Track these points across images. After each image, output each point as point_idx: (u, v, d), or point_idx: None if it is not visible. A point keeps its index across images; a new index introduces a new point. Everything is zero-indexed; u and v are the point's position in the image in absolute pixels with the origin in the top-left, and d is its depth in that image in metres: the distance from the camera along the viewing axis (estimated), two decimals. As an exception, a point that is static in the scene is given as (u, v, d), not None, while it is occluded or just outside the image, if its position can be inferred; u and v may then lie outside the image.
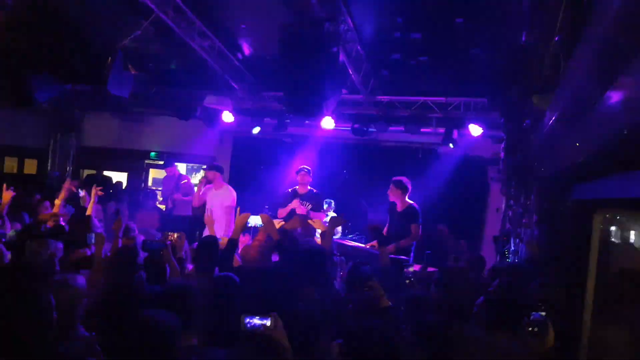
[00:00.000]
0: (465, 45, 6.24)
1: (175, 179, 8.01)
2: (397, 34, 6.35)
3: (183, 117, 9.10)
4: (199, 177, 6.92)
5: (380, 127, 8.00)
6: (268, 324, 2.07)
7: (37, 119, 10.33)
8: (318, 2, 5.28)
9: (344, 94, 7.75)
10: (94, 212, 5.68)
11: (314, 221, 6.01)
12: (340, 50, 5.69)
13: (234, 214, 6.42)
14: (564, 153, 2.68)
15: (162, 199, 8.33)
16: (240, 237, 4.18)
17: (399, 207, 5.87)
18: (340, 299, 3.44)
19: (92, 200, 5.61)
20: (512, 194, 6.63)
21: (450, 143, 7.77)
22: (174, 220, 7.68)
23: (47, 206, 6.06)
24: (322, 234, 4.28)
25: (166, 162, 8.28)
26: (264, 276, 3.22)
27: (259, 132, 8.89)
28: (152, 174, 11.01)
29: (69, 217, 5.89)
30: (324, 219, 6.80)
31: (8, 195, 5.23)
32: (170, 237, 5.13)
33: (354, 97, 8.14)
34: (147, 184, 10.75)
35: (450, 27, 5.97)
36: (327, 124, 8.24)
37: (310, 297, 3.20)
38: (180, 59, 8.21)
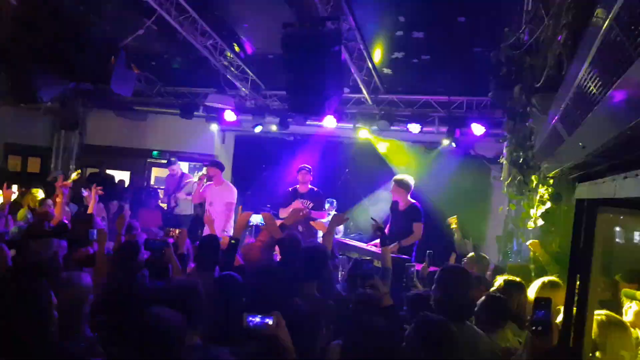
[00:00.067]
0: (468, 44, 6.23)
1: (178, 178, 8.03)
2: (399, 33, 6.34)
3: (185, 116, 9.13)
4: (199, 175, 7.01)
5: (383, 125, 7.99)
6: (270, 323, 2.08)
7: (41, 118, 10.36)
8: (320, 1, 5.28)
9: (346, 93, 7.76)
10: (97, 211, 5.70)
11: (316, 223, 6.03)
12: (342, 49, 5.69)
13: (234, 210, 6.46)
14: (567, 152, 2.68)
15: (165, 197, 8.34)
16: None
17: (401, 205, 5.86)
18: (342, 297, 3.44)
19: (93, 199, 5.63)
20: (515, 193, 6.61)
21: (452, 142, 7.76)
22: (176, 219, 7.69)
23: (49, 204, 6.08)
24: (324, 233, 4.28)
25: (169, 161, 8.30)
26: (265, 275, 3.22)
27: (261, 131, 8.90)
28: (155, 172, 11.03)
29: (71, 215, 5.92)
30: (326, 218, 6.81)
31: (9, 194, 5.26)
32: (172, 233, 5.15)
33: (356, 96, 8.14)
34: (150, 183, 10.77)
35: (453, 25, 5.96)
36: (329, 122, 8.24)
37: (311, 295, 3.21)
38: (182, 58, 8.22)
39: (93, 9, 5.88)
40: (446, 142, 7.89)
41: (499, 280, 3.36)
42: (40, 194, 7.05)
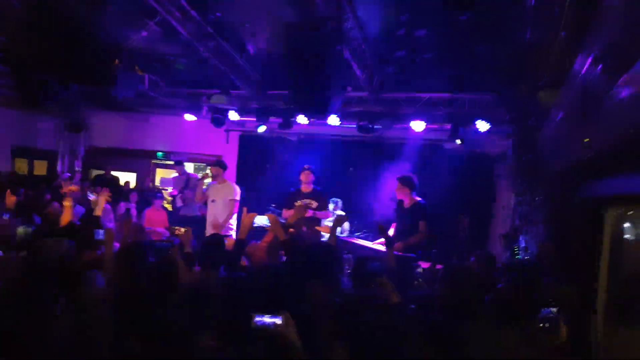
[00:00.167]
0: (471, 41, 6.20)
1: (185, 179, 8.07)
2: (402, 31, 6.32)
3: (189, 117, 9.15)
4: (202, 174, 7.19)
5: (386, 124, 7.98)
6: (279, 323, 2.07)
7: (47, 121, 10.42)
8: (322, 0, 5.27)
9: (349, 92, 7.75)
10: (103, 213, 5.72)
11: (322, 227, 6.07)
12: (344, 48, 5.68)
13: (236, 207, 6.56)
14: (572, 149, 2.67)
15: (171, 198, 8.37)
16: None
17: (406, 204, 5.86)
18: (348, 296, 3.44)
19: (102, 204, 5.66)
20: (521, 190, 6.60)
21: (457, 139, 7.74)
22: (182, 219, 7.72)
23: (56, 207, 6.11)
24: (335, 217, 4.30)
25: (176, 162, 8.36)
26: (271, 275, 3.22)
27: (265, 131, 8.92)
28: (159, 173, 11.07)
29: (79, 218, 5.94)
30: (330, 217, 6.82)
31: (12, 199, 5.29)
32: (177, 231, 5.16)
33: (358, 94, 8.13)
34: (155, 184, 10.81)
35: (455, 23, 5.93)
36: (332, 121, 8.24)
37: (317, 294, 3.20)
38: (185, 59, 8.23)
39: (96, 12, 5.90)
40: (450, 139, 7.88)
41: (505, 278, 3.35)
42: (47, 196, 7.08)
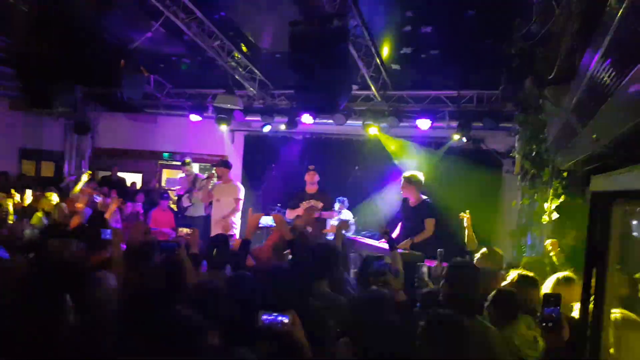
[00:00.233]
0: (477, 37, 6.16)
1: (192, 179, 8.09)
2: (407, 28, 6.29)
3: (195, 117, 9.17)
4: (207, 174, 7.31)
5: (392, 122, 7.95)
6: (286, 321, 2.07)
7: (54, 123, 10.49)
8: (327, -2, 5.26)
9: (354, 90, 7.72)
10: (111, 214, 5.75)
11: (328, 230, 6.10)
12: (349, 46, 5.66)
13: (240, 205, 6.68)
14: (580, 145, 2.64)
15: (177, 198, 8.39)
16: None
17: (412, 202, 5.83)
18: (354, 295, 3.43)
19: (112, 209, 5.69)
20: (528, 187, 6.55)
21: (463, 137, 7.70)
22: (189, 220, 7.73)
23: (63, 208, 6.14)
24: (338, 223, 4.30)
25: (183, 162, 8.40)
26: (277, 274, 3.22)
27: (270, 131, 8.92)
28: (166, 174, 11.11)
29: (86, 218, 5.96)
30: (335, 217, 6.83)
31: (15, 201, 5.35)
32: (180, 233, 5.18)
33: (364, 92, 8.11)
34: (161, 185, 10.84)
35: (461, 20, 5.90)
36: (337, 120, 8.22)
37: (323, 293, 3.20)
38: (190, 60, 8.25)
39: (102, 14, 5.93)
40: (456, 137, 7.83)
41: (512, 275, 3.32)
42: (55, 197, 7.11)
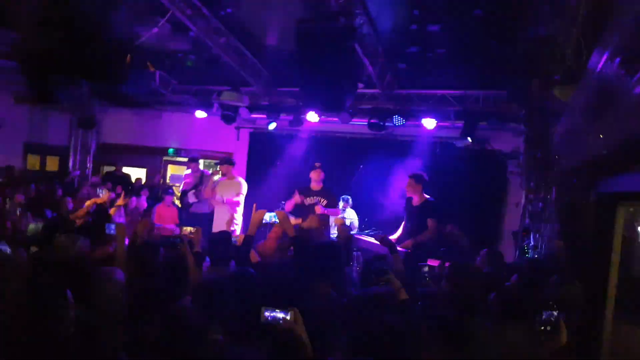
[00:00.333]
0: (484, 37, 6.13)
1: (199, 175, 8.11)
2: (414, 27, 6.27)
3: (200, 114, 9.18)
4: (212, 171, 7.43)
5: (397, 121, 7.93)
6: (288, 318, 2.08)
7: (59, 117, 10.53)
8: (333, -5, 5.24)
9: (361, 88, 7.70)
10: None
11: (336, 219, 6.10)
12: (356, 44, 5.65)
13: (242, 200, 6.84)
14: (587, 145, 2.62)
15: (181, 194, 8.40)
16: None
17: (415, 201, 5.82)
18: (356, 295, 3.42)
19: (118, 203, 5.72)
20: (532, 188, 6.53)
21: (468, 137, 7.67)
22: (194, 217, 7.75)
23: (68, 201, 6.17)
24: (338, 227, 4.30)
25: (190, 159, 8.43)
26: (279, 272, 3.22)
27: (275, 128, 8.92)
28: (170, 170, 11.14)
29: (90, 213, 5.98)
30: (339, 215, 6.83)
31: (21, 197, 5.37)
32: (184, 232, 5.19)
33: (370, 91, 8.09)
34: (166, 181, 10.87)
35: (469, 19, 5.87)
36: (343, 118, 8.21)
37: (326, 293, 3.19)
38: (196, 56, 8.26)
39: (107, 8, 5.93)
40: (462, 136, 7.80)
41: (513, 276, 3.31)
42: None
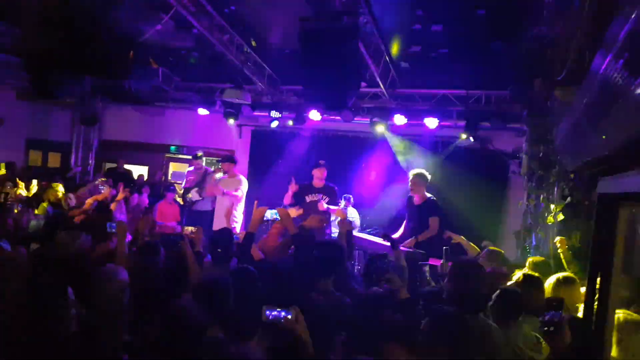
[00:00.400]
0: (487, 37, 6.13)
1: (202, 173, 8.12)
2: (417, 26, 6.27)
3: (203, 111, 9.19)
4: (214, 168, 7.49)
5: (400, 120, 7.93)
6: (290, 317, 2.08)
7: (61, 113, 10.54)
8: (337, -5, 5.24)
9: (363, 87, 7.71)
10: (116, 206, 5.78)
11: (337, 210, 6.11)
12: (359, 43, 5.64)
13: (242, 198, 6.94)
14: (589, 146, 2.62)
15: (183, 191, 8.40)
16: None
17: (417, 200, 5.83)
18: (358, 294, 3.43)
19: (118, 198, 5.72)
20: (534, 188, 6.52)
21: (470, 136, 7.67)
22: (196, 215, 7.74)
23: (70, 197, 6.18)
24: (339, 222, 4.30)
25: (194, 156, 8.43)
26: (281, 270, 3.23)
27: (277, 126, 8.92)
28: (172, 167, 11.14)
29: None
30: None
31: (24, 192, 5.38)
32: (186, 231, 5.20)
33: (373, 90, 8.09)
34: (168, 178, 10.88)
35: (472, 19, 5.86)
36: (345, 117, 8.21)
37: (327, 292, 3.20)
38: (199, 53, 8.26)
39: (111, 4, 5.93)
40: (464, 136, 7.81)
41: (517, 275, 3.31)
42: (61, 188, 7.16)
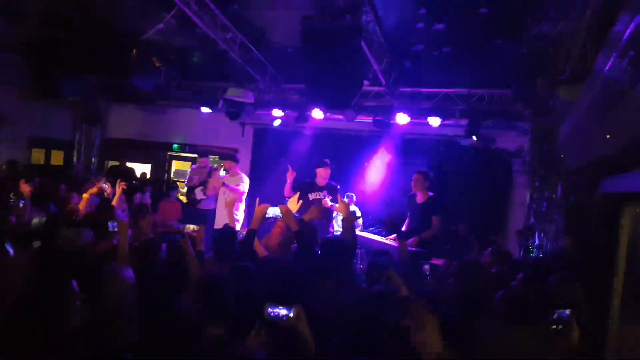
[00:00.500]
0: (489, 36, 6.11)
1: (207, 171, 8.13)
2: (420, 25, 6.25)
3: (205, 110, 9.19)
4: (216, 166, 7.51)
5: (402, 119, 7.93)
6: (291, 315, 2.08)
7: (64, 112, 10.56)
8: (340, -7, 5.23)
9: (366, 86, 7.70)
10: (118, 204, 5.78)
11: (339, 205, 6.08)
12: (362, 42, 5.64)
13: (243, 196, 6.86)
14: (593, 145, 2.61)
15: (186, 189, 8.41)
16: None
17: (419, 198, 5.81)
18: (361, 292, 3.43)
19: (117, 195, 5.72)
20: (537, 187, 6.51)
21: (473, 135, 7.66)
22: (199, 213, 7.75)
23: (73, 196, 6.18)
24: (343, 219, 4.29)
25: (200, 154, 8.46)
26: (283, 268, 3.23)
27: (280, 124, 8.92)
28: (175, 165, 11.16)
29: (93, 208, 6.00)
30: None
31: (27, 188, 5.37)
32: (187, 230, 5.19)
33: (375, 88, 8.08)
34: (170, 176, 10.90)
35: (475, 17, 5.85)
36: (348, 116, 8.20)
37: (330, 290, 3.20)
38: (202, 52, 8.26)
39: (114, 3, 5.94)
40: (466, 135, 7.79)
41: (519, 275, 3.30)
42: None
